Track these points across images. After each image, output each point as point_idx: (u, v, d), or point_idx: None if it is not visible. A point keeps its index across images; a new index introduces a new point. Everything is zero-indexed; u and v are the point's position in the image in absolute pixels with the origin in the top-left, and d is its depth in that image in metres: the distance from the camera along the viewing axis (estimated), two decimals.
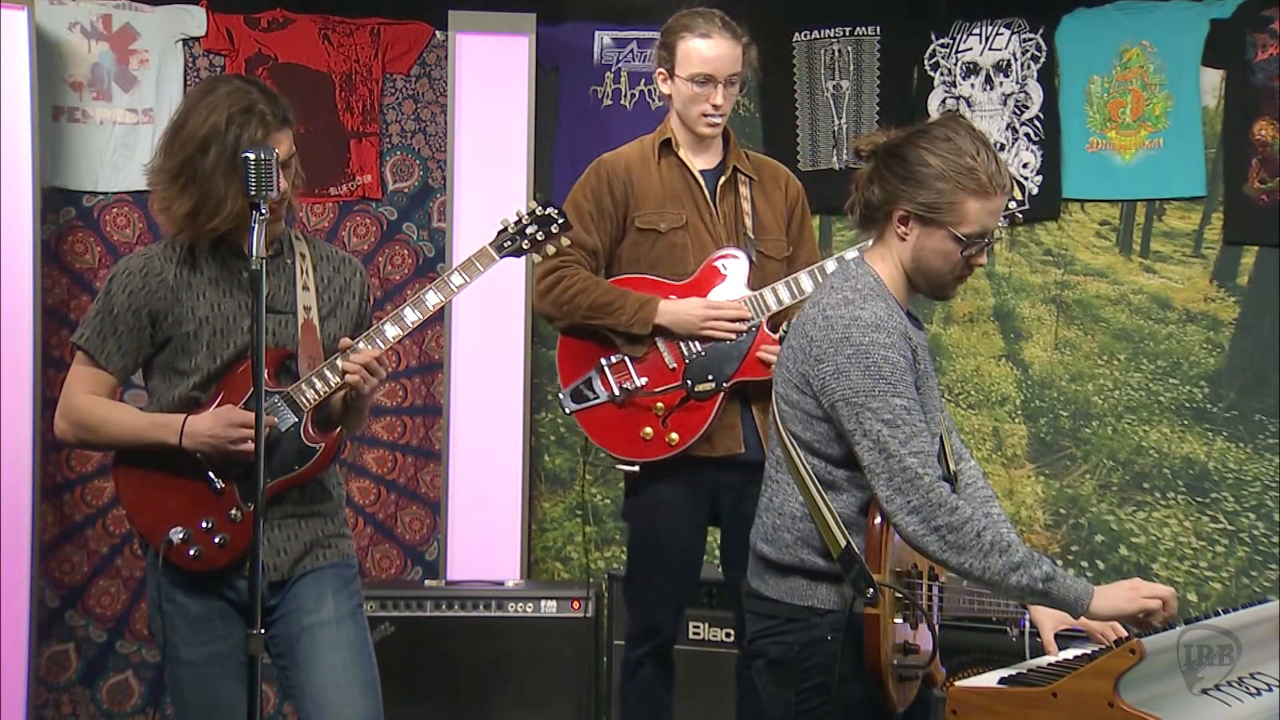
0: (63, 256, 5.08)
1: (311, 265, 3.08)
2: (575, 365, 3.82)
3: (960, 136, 2.64)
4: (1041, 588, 2.52)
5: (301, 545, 3.03)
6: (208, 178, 2.86)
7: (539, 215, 3.20)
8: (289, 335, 3.01)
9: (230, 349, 2.96)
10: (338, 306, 3.10)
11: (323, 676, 2.95)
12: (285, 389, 2.98)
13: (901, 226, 2.68)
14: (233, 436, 2.89)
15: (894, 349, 2.59)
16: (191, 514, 2.94)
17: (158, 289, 2.95)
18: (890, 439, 2.54)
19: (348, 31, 5.22)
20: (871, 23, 5.14)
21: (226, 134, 2.85)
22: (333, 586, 3.03)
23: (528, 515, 5.22)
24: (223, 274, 2.98)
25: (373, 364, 2.96)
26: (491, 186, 5.17)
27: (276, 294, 3.00)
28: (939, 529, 2.51)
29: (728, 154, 3.84)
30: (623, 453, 3.78)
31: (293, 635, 2.99)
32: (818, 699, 2.66)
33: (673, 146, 3.81)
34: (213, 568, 2.95)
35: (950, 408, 5.02)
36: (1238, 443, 4.80)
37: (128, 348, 2.96)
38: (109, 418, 2.96)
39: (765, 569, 2.76)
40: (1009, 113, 5.03)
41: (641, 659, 3.84)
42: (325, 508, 3.09)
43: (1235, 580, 4.77)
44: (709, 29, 3.70)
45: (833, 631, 2.64)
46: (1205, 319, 4.87)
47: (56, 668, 5.09)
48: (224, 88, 2.92)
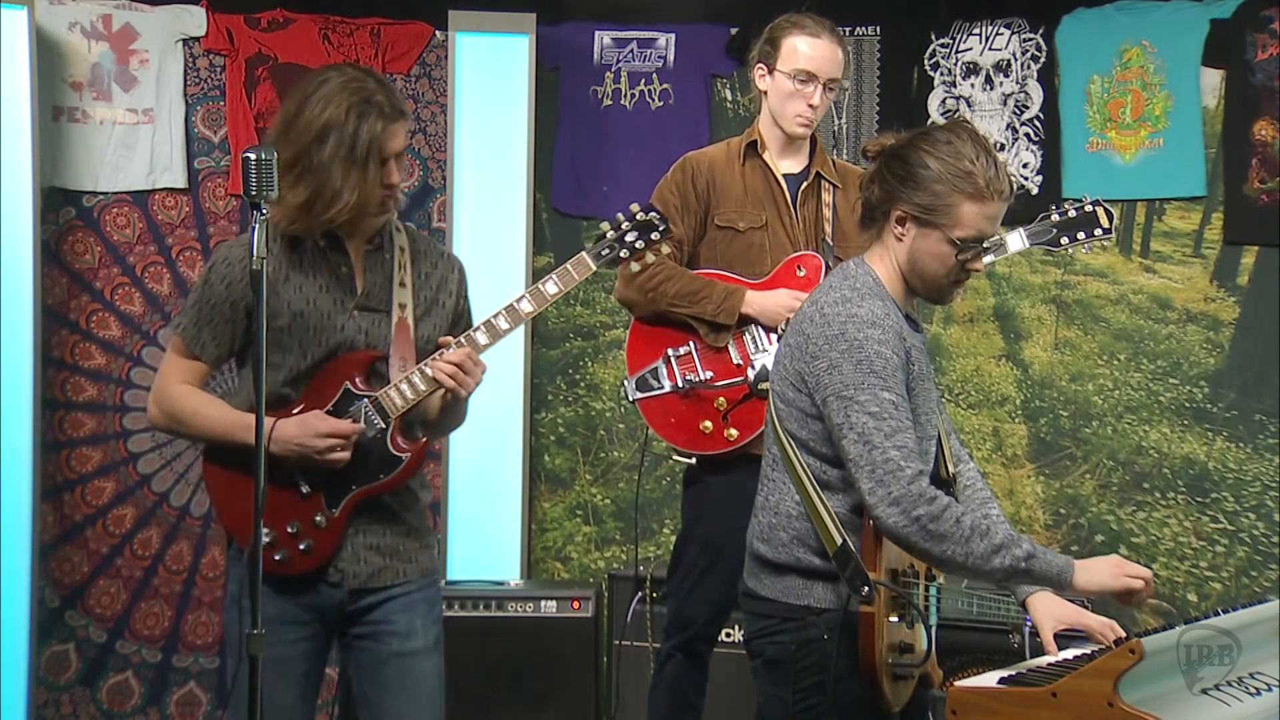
0: (63, 256, 5.08)
1: (410, 260, 3.01)
2: (643, 355, 3.81)
3: (962, 141, 2.65)
4: (1024, 566, 2.53)
5: (383, 556, 2.98)
6: (325, 168, 2.82)
7: (640, 221, 3.09)
8: (381, 335, 2.94)
9: (322, 346, 2.91)
10: (434, 306, 3.02)
11: (402, 705, 2.97)
12: (374, 393, 2.91)
13: (899, 227, 2.69)
14: (319, 446, 2.85)
15: (888, 345, 2.60)
16: (278, 517, 2.89)
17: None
18: (875, 431, 2.55)
19: (348, 31, 5.22)
20: (871, 23, 5.15)
21: (345, 124, 2.82)
22: (422, 612, 3.01)
23: (528, 515, 5.22)
24: (323, 268, 2.93)
25: (467, 364, 2.90)
26: (491, 186, 5.17)
27: (373, 291, 2.94)
28: (919, 518, 2.52)
29: (812, 159, 3.83)
30: (681, 444, 3.77)
31: (381, 657, 2.97)
32: (815, 698, 2.66)
33: (758, 149, 3.80)
34: (296, 572, 2.92)
35: (950, 408, 5.02)
36: (1238, 443, 4.80)
37: (222, 338, 2.92)
38: (200, 412, 2.91)
39: (761, 568, 2.76)
40: (1009, 113, 5.03)
41: (671, 652, 3.83)
42: (411, 516, 3.04)
43: (1235, 580, 4.77)
44: (818, 30, 3.72)
45: (829, 630, 2.64)
46: (1205, 319, 4.87)
47: (56, 668, 5.09)
48: (339, 78, 2.87)
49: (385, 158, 2.86)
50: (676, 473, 5.11)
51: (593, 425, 5.33)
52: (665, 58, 5.31)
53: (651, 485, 5.26)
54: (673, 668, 3.83)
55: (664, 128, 5.25)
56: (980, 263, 2.70)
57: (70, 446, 5.10)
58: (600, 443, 5.33)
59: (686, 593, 3.82)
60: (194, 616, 5.18)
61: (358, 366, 2.92)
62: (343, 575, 2.94)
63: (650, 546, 5.21)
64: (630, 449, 5.29)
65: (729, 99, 5.31)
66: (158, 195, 5.15)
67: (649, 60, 5.31)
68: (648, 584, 4.57)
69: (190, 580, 5.18)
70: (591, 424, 5.33)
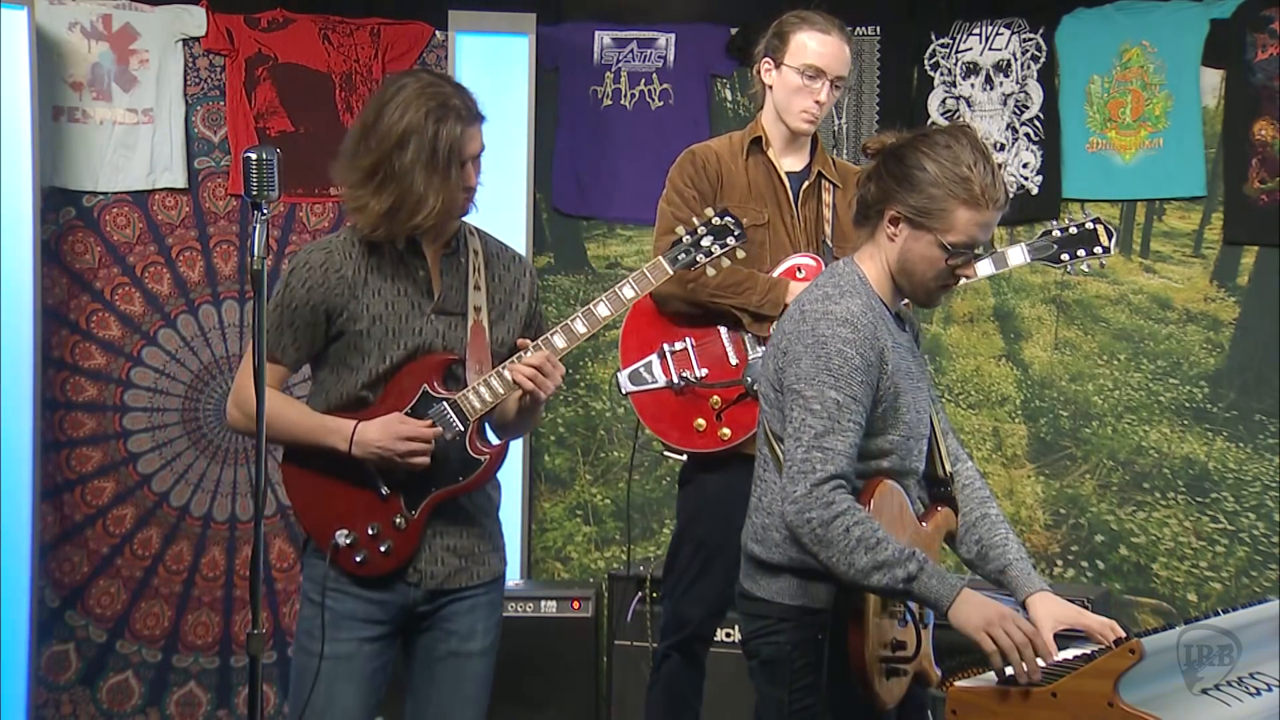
0: (63, 256, 5.08)
1: (483, 263, 3.02)
2: (637, 348, 3.80)
3: (961, 146, 2.65)
4: (902, 588, 2.51)
5: (459, 558, 2.99)
6: (407, 174, 2.82)
7: (715, 225, 3.08)
8: (458, 339, 2.94)
9: (400, 349, 2.91)
10: (507, 309, 3.02)
11: (448, 701, 2.99)
12: (452, 395, 2.91)
13: (892, 228, 2.69)
14: (401, 450, 2.85)
15: (852, 345, 2.59)
16: (358, 518, 2.90)
17: (336, 285, 2.89)
18: (806, 429, 2.56)
19: (348, 31, 5.22)
20: (871, 23, 5.14)
21: (425, 129, 2.82)
22: (484, 615, 3.03)
23: (528, 515, 5.22)
24: (400, 272, 2.93)
25: (546, 366, 2.89)
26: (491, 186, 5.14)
27: (449, 295, 2.94)
28: (810, 521, 2.53)
29: (813, 158, 3.81)
30: (674, 441, 3.76)
31: (437, 654, 2.99)
32: (810, 698, 2.67)
33: (762, 145, 3.78)
34: (377, 574, 2.92)
35: (950, 408, 5.02)
36: (1238, 443, 4.80)
37: (302, 341, 2.92)
38: (280, 414, 2.90)
39: (756, 569, 2.77)
40: (1009, 113, 5.03)
41: (667, 652, 3.83)
42: (487, 519, 3.05)
43: (1235, 580, 4.77)
44: (828, 26, 3.70)
45: (823, 630, 2.64)
46: (1205, 319, 4.87)
47: (56, 668, 5.09)
48: (415, 84, 2.88)
49: (465, 160, 2.88)
50: (676, 472, 5.11)
51: (593, 425, 5.33)
52: (665, 58, 5.31)
53: (651, 485, 5.26)
54: (670, 668, 3.83)
55: (664, 128, 5.25)
56: (971, 269, 2.70)
57: (70, 446, 5.10)
58: (600, 443, 5.33)
59: (682, 593, 3.82)
60: (194, 617, 5.18)
61: (435, 370, 2.92)
62: (421, 576, 2.94)
63: (650, 546, 5.21)
64: (630, 449, 5.29)
65: (729, 99, 5.31)
66: (158, 195, 5.16)
67: (649, 60, 5.31)
68: (647, 584, 4.57)
69: (190, 580, 5.18)
70: (591, 424, 5.33)
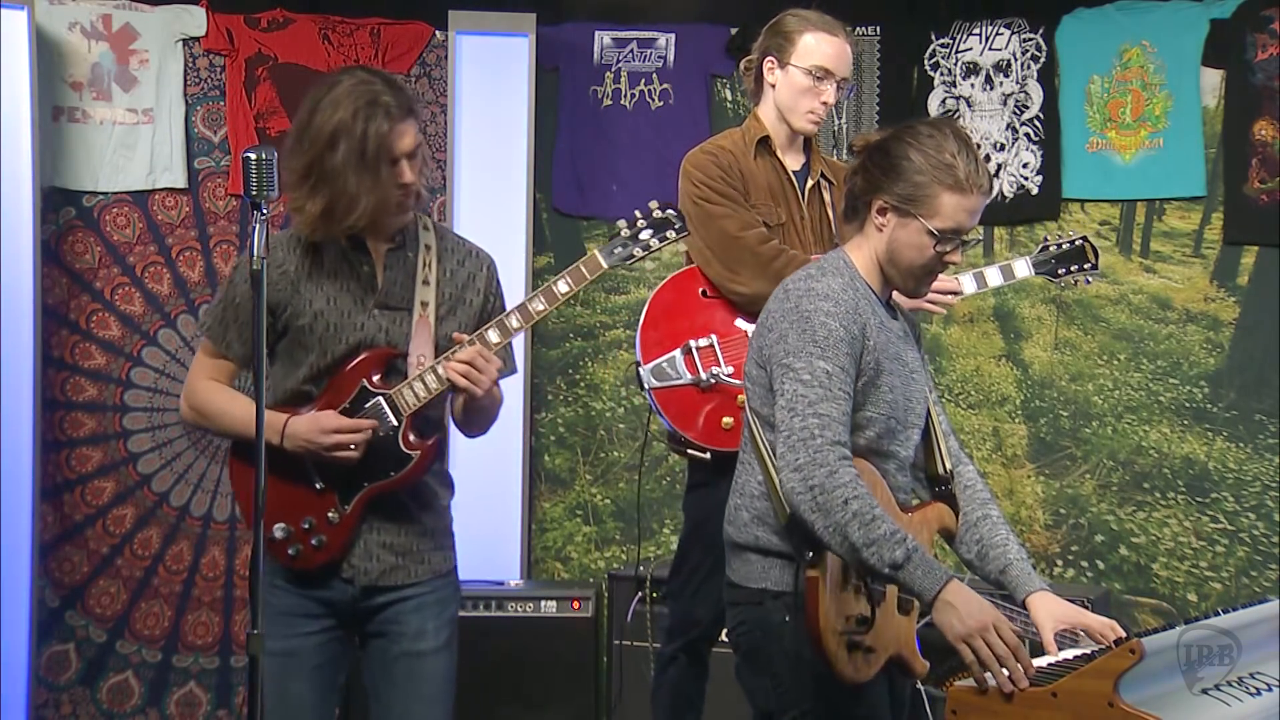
0: (63, 256, 5.08)
1: (436, 258, 3.00)
2: (657, 343, 3.74)
3: (944, 135, 2.69)
4: (888, 573, 2.52)
5: (395, 555, 2.98)
6: (339, 175, 2.81)
7: (656, 219, 3.04)
8: (401, 333, 2.94)
9: (342, 345, 2.92)
10: (458, 304, 3.01)
11: (409, 701, 2.99)
12: (388, 390, 2.92)
13: (879, 218, 2.73)
14: (326, 443, 2.86)
15: (835, 318, 2.63)
16: (294, 512, 2.92)
17: (278, 280, 2.90)
18: (800, 399, 2.58)
19: (348, 31, 5.22)
20: (871, 23, 5.14)
21: (354, 128, 2.81)
22: (434, 614, 3.01)
23: (528, 515, 5.22)
24: (343, 268, 2.93)
25: (478, 361, 2.87)
26: (491, 186, 5.17)
27: (392, 290, 2.94)
28: (812, 488, 2.53)
29: (810, 157, 3.82)
30: (699, 438, 3.70)
31: (390, 655, 2.99)
32: (790, 681, 2.69)
33: (770, 146, 3.76)
34: (308, 567, 2.94)
35: (950, 408, 5.02)
36: (1238, 443, 4.80)
37: (247, 336, 2.93)
38: (225, 409, 2.95)
39: (730, 552, 2.80)
40: (1009, 113, 5.03)
41: (674, 654, 3.80)
42: (428, 516, 3.03)
43: (1235, 580, 4.77)
44: (834, 28, 3.68)
45: (789, 611, 2.66)
46: (1205, 319, 4.87)
47: (56, 668, 5.09)
48: (347, 81, 2.87)
49: (395, 158, 2.85)
50: (677, 472, 5.12)
51: (593, 425, 5.33)
52: (665, 58, 5.31)
53: (651, 485, 5.26)
54: (675, 670, 3.80)
55: (664, 128, 5.25)
56: (958, 255, 2.72)
57: (70, 446, 5.10)
58: (600, 443, 5.33)
59: (691, 594, 3.79)
60: (194, 616, 5.18)
61: (376, 364, 2.92)
62: (355, 572, 2.94)
63: (650, 546, 5.21)
64: (630, 449, 5.29)
65: (729, 99, 5.31)
66: (158, 195, 5.16)
67: (649, 60, 5.31)
68: (648, 584, 4.57)
69: (190, 580, 5.18)
70: (592, 424, 5.33)
